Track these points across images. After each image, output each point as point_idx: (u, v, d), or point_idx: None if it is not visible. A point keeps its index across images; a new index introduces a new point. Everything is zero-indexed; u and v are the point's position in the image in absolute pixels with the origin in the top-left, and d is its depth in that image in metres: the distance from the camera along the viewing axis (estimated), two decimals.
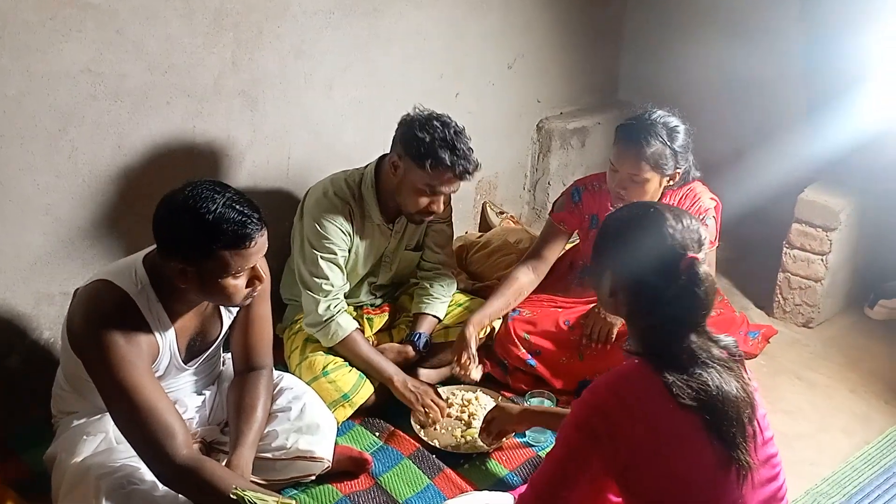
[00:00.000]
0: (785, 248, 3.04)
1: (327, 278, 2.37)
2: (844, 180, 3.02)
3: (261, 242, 1.73)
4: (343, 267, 2.42)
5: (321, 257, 2.37)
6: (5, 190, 2.16)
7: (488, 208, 3.36)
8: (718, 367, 1.49)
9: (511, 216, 3.39)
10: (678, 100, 2.44)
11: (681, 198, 2.47)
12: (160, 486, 1.74)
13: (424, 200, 2.33)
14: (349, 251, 2.44)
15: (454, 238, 3.01)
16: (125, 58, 2.25)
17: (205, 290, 1.75)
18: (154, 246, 1.82)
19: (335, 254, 2.38)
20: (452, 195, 2.43)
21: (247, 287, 1.77)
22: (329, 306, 2.37)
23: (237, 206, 1.68)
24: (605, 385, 1.53)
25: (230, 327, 2.01)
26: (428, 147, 2.24)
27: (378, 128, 2.76)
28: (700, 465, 1.47)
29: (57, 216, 2.27)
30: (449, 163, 2.25)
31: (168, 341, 1.84)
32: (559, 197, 2.69)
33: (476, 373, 2.43)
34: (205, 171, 2.50)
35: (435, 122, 2.28)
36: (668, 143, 2.30)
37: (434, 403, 2.36)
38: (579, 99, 3.68)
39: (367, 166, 2.48)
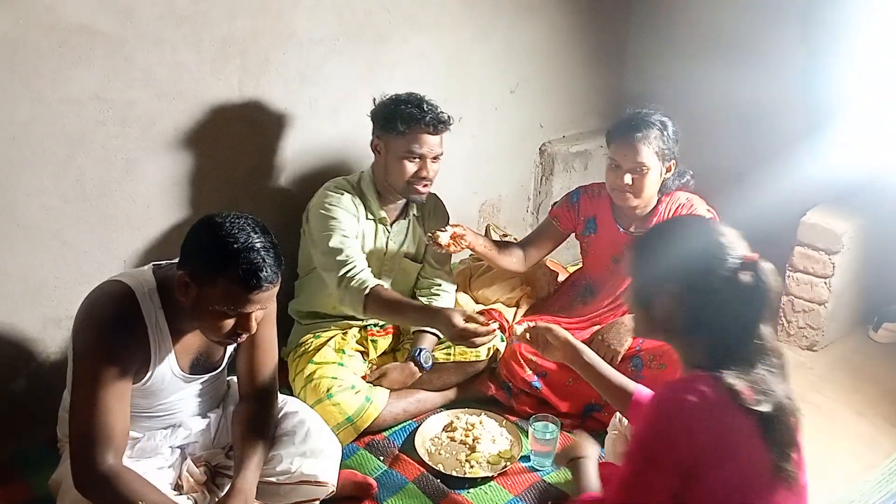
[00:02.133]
0: (788, 272, 3.04)
1: (340, 251, 2.35)
2: (847, 203, 3.03)
3: (265, 296, 1.72)
4: (355, 243, 2.41)
5: (331, 237, 2.36)
6: (14, 214, 2.18)
7: (492, 231, 3.36)
8: (774, 370, 1.48)
9: (514, 239, 3.39)
10: (680, 122, 2.47)
11: (676, 207, 2.50)
12: None
13: (411, 167, 2.40)
14: (359, 236, 2.47)
15: (458, 262, 3.02)
16: (133, 84, 2.28)
17: (195, 310, 1.75)
18: (167, 262, 1.85)
19: (344, 229, 2.39)
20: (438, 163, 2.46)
21: (232, 329, 1.76)
22: (342, 273, 2.33)
23: (263, 252, 1.69)
24: (669, 412, 1.46)
25: (235, 349, 2.02)
26: (395, 111, 2.38)
27: None
28: (756, 471, 1.44)
29: (64, 241, 2.29)
30: (419, 116, 2.35)
31: (166, 352, 1.84)
32: (561, 197, 2.80)
33: (444, 237, 2.47)
34: (211, 196, 2.53)
35: (397, 95, 2.44)
36: (663, 131, 2.42)
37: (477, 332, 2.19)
38: (582, 123, 3.70)
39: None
